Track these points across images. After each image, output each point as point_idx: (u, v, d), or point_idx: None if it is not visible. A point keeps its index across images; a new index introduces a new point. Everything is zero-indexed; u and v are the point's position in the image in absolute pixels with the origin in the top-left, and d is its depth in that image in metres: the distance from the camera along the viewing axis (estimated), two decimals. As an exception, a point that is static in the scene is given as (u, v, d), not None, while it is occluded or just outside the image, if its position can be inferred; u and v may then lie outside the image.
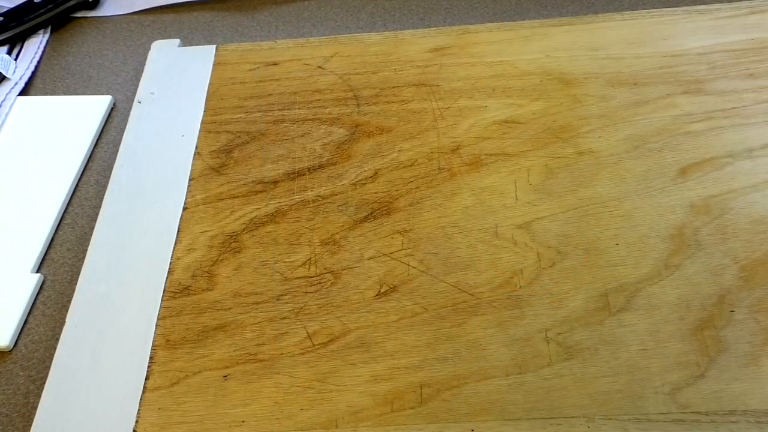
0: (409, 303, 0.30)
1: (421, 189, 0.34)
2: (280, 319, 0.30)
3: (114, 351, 0.29)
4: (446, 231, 0.33)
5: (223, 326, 0.30)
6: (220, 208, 0.35)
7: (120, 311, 0.31)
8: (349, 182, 0.35)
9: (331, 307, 0.30)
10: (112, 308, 0.31)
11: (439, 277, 0.30)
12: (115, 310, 0.31)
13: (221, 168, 0.37)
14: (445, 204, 0.34)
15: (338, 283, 0.31)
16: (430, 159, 0.36)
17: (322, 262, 0.32)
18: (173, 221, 0.34)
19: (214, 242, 0.33)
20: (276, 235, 0.33)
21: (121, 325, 0.30)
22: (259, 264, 0.32)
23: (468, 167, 0.35)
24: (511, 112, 0.37)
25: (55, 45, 0.47)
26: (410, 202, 0.34)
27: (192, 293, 0.31)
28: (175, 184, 0.36)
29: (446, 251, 0.31)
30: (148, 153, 0.38)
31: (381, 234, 0.33)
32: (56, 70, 0.45)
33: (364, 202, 0.34)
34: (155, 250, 0.33)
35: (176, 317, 0.30)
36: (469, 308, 0.29)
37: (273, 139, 0.38)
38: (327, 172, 0.36)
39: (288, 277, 0.31)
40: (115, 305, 0.31)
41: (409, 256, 0.31)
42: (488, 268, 0.31)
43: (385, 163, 0.36)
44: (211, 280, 0.32)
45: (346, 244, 0.32)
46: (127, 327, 0.30)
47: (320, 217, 0.34)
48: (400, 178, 0.35)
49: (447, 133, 0.37)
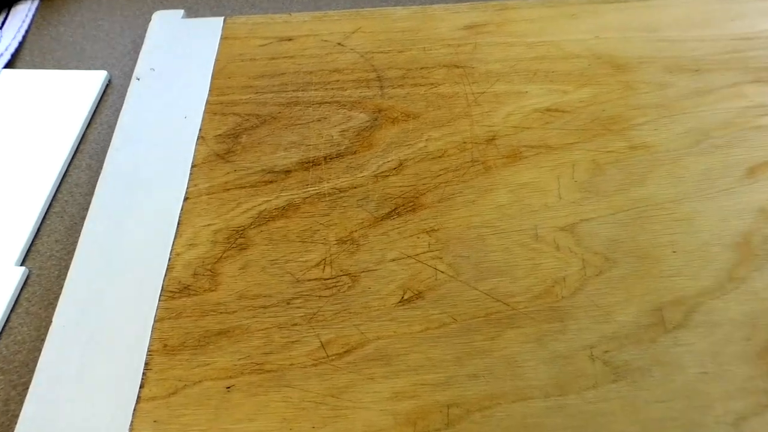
0: (436, 312, 0.29)
1: (451, 183, 0.34)
2: (291, 325, 0.29)
3: (105, 355, 0.29)
4: (479, 232, 0.32)
5: (226, 331, 0.30)
6: (225, 199, 0.35)
7: (113, 311, 0.31)
8: (370, 174, 0.35)
9: (347, 314, 0.30)
10: (104, 307, 0.31)
11: (471, 283, 0.30)
12: (107, 310, 0.31)
13: (227, 154, 0.37)
14: (479, 201, 0.34)
15: (356, 287, 0.31)
16: (462, 150, 0.36)
17: (338, 263, 0.32)
18: (173, 213, 0.34)
19: (218, 237, 0.33)
20: (287, 231, 0.33)
21: (113, 327, 0.30)
22: (267, 263, 0.32)
23: (505, 160, 0.35)
24: (555, 100, 0.37)
25: (44, 13, 0.47)
26: (439, 198, 0.34)
27: (193, 293, 0.31)
28: (176, 172, 0.36)
29: (479, 255, 0.31)
30: (146, 136, 0.38)
31: (405, 233, 0.33)
32: (46, 41, 0.45)
33: (387, 197, 0.34)
34: (153, 245, 0.33)
35: (175, 320, 0.30)
36: (504, 320, 0.29)
37: (285, 123, 0.38)
38: (345, 161, 0.36)
39: (300, 278, 0.31)
40: (107, 304, 0.31)
41: (437, 259, 0.31)
42: (526, 275, 0.30)
43: (411, 153, 0.36)
44: (214, 279, 0.31)
45: (366, 244, 0.32)
46: (120, 329, 0.30)
47: (337, 212, 0.34)
48: (427, 170, 0.35)
49: (482, 121, 0.37)
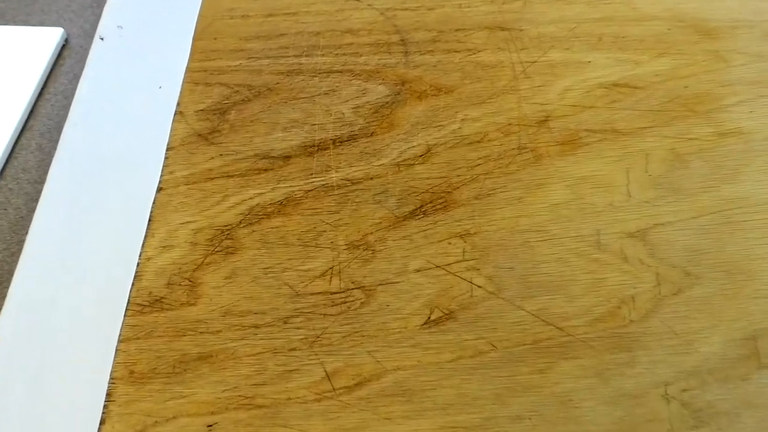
0: (471, 337, 0.28)
1: (492, 176, 0.32)
2: (289, 350, 0.28)
3: (58, 383, 0.28)
4: (527, 237, 0.30)
5: (208, 356, 0.28)
6: (208, 190, 0.33)
7: (66, 328, 0.29)
8: (391, 162, 0.33)
9: (359, 337, 0.28)
10: (56, 324, 0.30)
11: (515, 301, 0.28)
12: (59, 327, 0.29)
13: (212, 135, 0.35)
14: (527, 199, 0.31)
15: (371, 303, 0.29)
16: (507, 134, 0.33)
17: (348, 274, 0.30)
18: (143, 207, 0.32)
19: (200, 238, 0.31)
20: (285, 232, 0.31)
21: (67, 349, 0.29)
22: (260, 272, 0.30)
23: (561, 147, 0.33)
24: (625, 72, 0.35)
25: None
26: (476, 194, 0.32)
27: (167, 308, 0.29)
28: (147, 156, 0.34)
29: (526, 266, 0.29)
30: (110, 110, 0.36)
31: (434, 237, 0.30)
32: (-13, -10, 0.44)
33: (411, 191, 0.32)
34: (117, 246, 0.31)
35: (144, 340, 0.29)
36: (556, 348, 0.27)
37: (285, 97, 0.36)
38: (359, 146, 0.34)
39: (300, 291, 0.29)
40: (59, 320, 0.30)
41: (473, 271, 0.29)
42: (585, 293, 0.28)
43: (442, 136, 0.34)
44: (194, 290, 0.30)
45: (384, 250, 0.30)
46: (76, 351, 0.29)
47: (348, 209, 0.32)
48: (462, 159, 0.33)
49: (532, 97, 0.34)
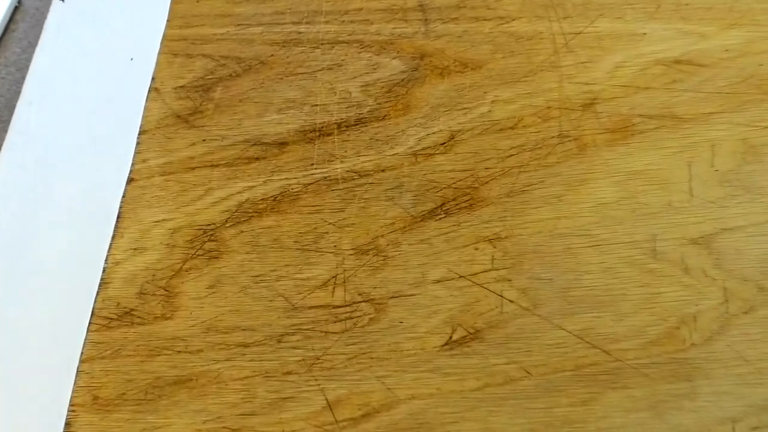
0: (501, 360, 0.26)
1: (528, 169, 0.31)
2: (283, 374, 0.27)
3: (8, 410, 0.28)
4: (569, 242, 0.29)
5: (187, 380, 0.27)
6: (188, 182, 0.32)
7: (18, 345, 0.29)
8: (406, 151, 0.32)
9: (367, 360, 0.27)
10: (6, 341, 0.29)
11: (554, 319, 0.27)
12: (10, 344, 0.29)
13: (193, 116, 0.33)
14: (569, 197, 0.30)
15: (381, 319, 0.28)
16: (546, 119, 0.32)
17: (355, 284, 0.28)
18: (110, 201, 0.31)
19: (177, 239, 0.30)
20: (280, 234, 0.30)
21: (19, 369, 0.29)
22: (249, 280, 0.29)
23: (609, 136, 0.31)
24: (689, 47, 0.33)
25: None
26: (509, 191, 0.30)
27: (138, 322, 0.28)
28: (116, 140, 0.33)
29: (567, 277, 0.28)
30: (72, 86, 0.36)
31: (457, 242, 0.29)
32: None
33: (430, 186, 0.31)
34: (78, 248, 0.31)
35: (110, 360, 0.27)
36: (602, 375, 0.26)
37: (281, 72, 0.34)
38: (369, 131, 0.32)
39: (298, 304, 0.28)
40: (9, 336, 0.29)
41: (504, 282, 0.28)
42: (638, 310, 0.27)
43: (467, 121, 0.32)
44: (171, 301, 0.29)
45: (398, 256, 0.29)
46: (29, 372, 0.29)
47: (355, 207, 0.31)
48: (492, 148, 0.31)
49: (576, 76, 0.33)
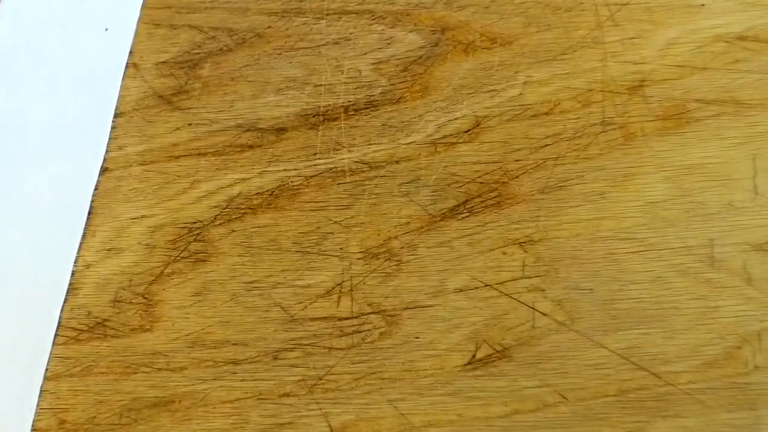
0: (533, 383, 0.26)
1: (565, 161, 0.30)
2: (280, 396, 0.26)
3: None
4: (611, 247, 0.28)
5: (169, 402, 0.26)
6: (172, 173, 0.31)
7: None
8: (424, 139, 0.31)
9: (377, 381, 0.26)
10: None
11: (594, 336, 0.26)
12: None
13: (177, 97, 0.33)
14: (613, 194, 0.29)
15: (394, 334, 0.27)
16: (587, 103, 0.31)
17: (364, 292, 0.28)
18: (80, 195, 0.31)
19: (158, 239, 0.30)
20: (278, 234, 0.29)
21: None
22: (241, 287, 0.28)
23: (661, 124, 0.30)
24: (754, 21, 0.32)
25: None
26: (542, 186, 0.29)
27: (112, 334, 0.28)
28: (88, 124, 0.33)
29: (610, 287, 0.27)
30: (38, 60, 0.35)
31: (482, 245, 0.28)
32: None
33: (452, 181, 0.30)
34: (44, 249, 0.30)
35: (80, 378, 0.27)
36: (650, 402, 0.25)
37: (279, 46, 0.34)
38: (382, 116, 0.32)
39: (297, 316, 0.27)
40: None
41: (537, 292, 0.27)
42: (692, 326, 0.26)
43: (495, 106, 0.31)
44: (150, 311, 0.28)
45: (414, 261, 0.28)
46: None
47: (365, 203, 0.30)
48: (524, 137, 0.30)
49: (621, 53, 0.32)
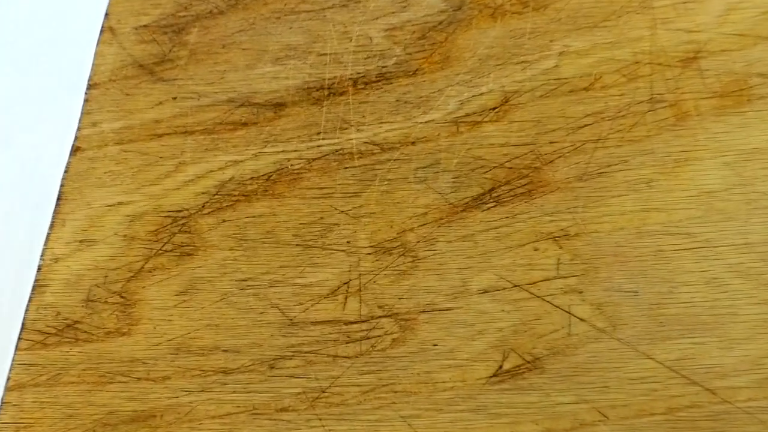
0: (568, 399, 0.25)
1: (607, 143, 0.28)
2: (277, 410, 0.25)
3: None
4: (660, 243, 0.26)
5: (149, 416, 0.26)
6: (153, 154, 0.30)
7: None
8: (445, 118, 0.29)
9: (388, 394, 0.25)
10: None
11: (639, 345, 0.25)
12: None
13: (161, 66, 0.32)
14: (662, 182, 0.27)
15: (409, 341, 0.26)
16: (632, 77, 0.29)
17: (374, 293, 0.27)
18: (48, 178, 0.31)
19: (138, 229, 0.29)
20: (275, 225, 0.28)
21: None
22: (233, 285, 0.27)
23: (719, 102, 0.28)
24: None
25: None
26: (580, 173, 0.28)
27: (84, 338, 0.27)
28: (57, 97, 0.34)
29: (658, 289, 0.25)
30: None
31: (511, 239, 0.27)
32: None
33: (476, 165, 0.28)
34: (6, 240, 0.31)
35: (47, 388, 0.26)
36: (704, 421, 0.24)
37: (278, 9, 0.33)
38: (396, 91, 0.30)
39: (297, 319, 0.26)
40: None
41: (573, 294, 0.26)
42: (753, 335, 0.25)
43: (527, 79, 0.30)
44: (129, 312, 0.27)
45: (432, 257, 0.27)
46: None
47: (375, 190, 0.29)
48: (559, 115, 0.29)
49: (674, 20, 0.30)
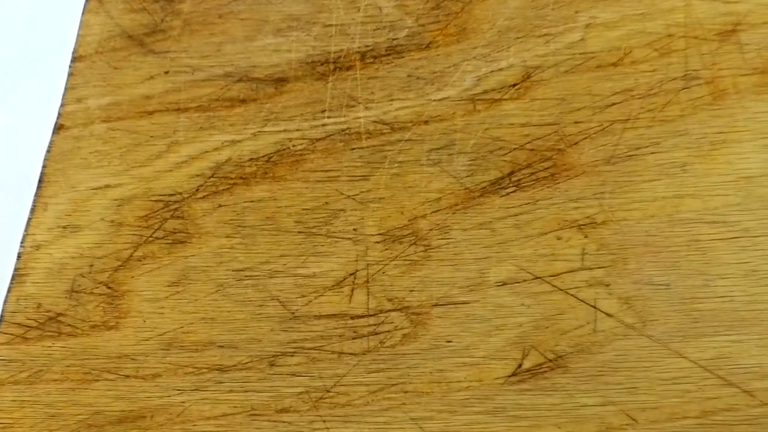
0: (594, 401, 0.24)
1: (637, 124, 0.27)
2: (277, 411, 0.24)
3: None
4: (694, 232, 0.25)
5: (139, 417, 0.25)
6: (143, 133, 0.30)
7: None
8: (460, 95, 0.29)
9: (398, 394, 0.25)
10: None
11: (671, 343, 0.24)
12: None
13: (151, 37, 0.32)
14: (697, 166, 0.26)
15: (420, 337, 0.25)
16: (665, 52, 0.28)
17: (383, 284, 0.26)
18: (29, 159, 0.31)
19: (127, 214, 0.28)
20: (275, 210, 0.28)
21: None
22: (230, 276, 0.27)
23: (759, 78, 0.28)
24: None
25: None
26: (608, 155, 0.27)
27: (68, 332, 0.26)
28: (39, 70, 0.33)
29: (692, 282, 0.25)
30: None
31: (532, 227, 0.26)
32: None
33: (495, 147, 0.28)
34: None
35: (27, 386, 0.26)
36: (741, 426, 0.24)
37: None
38: (407, 65, 0.29)
39: (299, 312, 0.26)
40: None
41: (599, 287, 0.25)
42: None
43: (551, 53, 0.29)
44: (116, 304, 0.27)
45: (445, 246, 0.26)
46: None
47: (385, 173, 0.28)
48: (585, 93, 0.28)
49: None
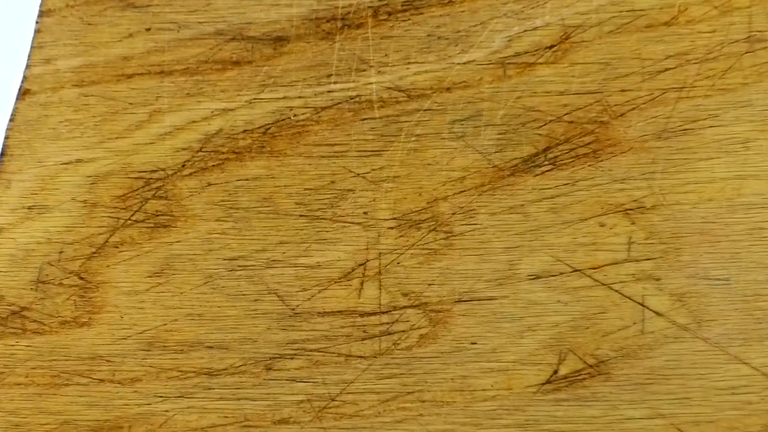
0: (640, 412, 0.23)
1: (693, 93, 0.26)
2: (274, 423, 0.23)
3: None
4: (758, 219, 0.24)
5: (115, 427, 0.24)
6: (121, 100, 0.29)
7: None
8: (488, 58, 0.28)
9: (415, 404, 0.24)
10: None
11: (731, 347, 0.23)
12: None
13: None
14: (763, 142, 0.25)
15: (440, 337, 0.24)
16: (726, 9, 0.27)
17: (397, 277, 0.25)
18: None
19: (102, 193, 0.27)
20: (273, 191, 0.27)
21: None
22: (221, 265, 0.26)
23: None
24: None
25: None
26: (658, 129, 0.26)
27: (34, 329, 0.26)
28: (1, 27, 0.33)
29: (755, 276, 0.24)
30: None
31: (571, 211, 0.25)
32: None
33: (528, 119, 0.26)
34: None
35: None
36: None
37: None
38: (427, 23, 0.28)
39: (301, 308, 0.25)
40: None
41: (648, 282, 0.24)
42: None
43: (593, 10, 0.28)
44: (90, 297, 0.26)
45: (470, 233, 0.25)
46: None
47: (400, 148, 0.27)
48: (633, 57, 0.27)
49: None
